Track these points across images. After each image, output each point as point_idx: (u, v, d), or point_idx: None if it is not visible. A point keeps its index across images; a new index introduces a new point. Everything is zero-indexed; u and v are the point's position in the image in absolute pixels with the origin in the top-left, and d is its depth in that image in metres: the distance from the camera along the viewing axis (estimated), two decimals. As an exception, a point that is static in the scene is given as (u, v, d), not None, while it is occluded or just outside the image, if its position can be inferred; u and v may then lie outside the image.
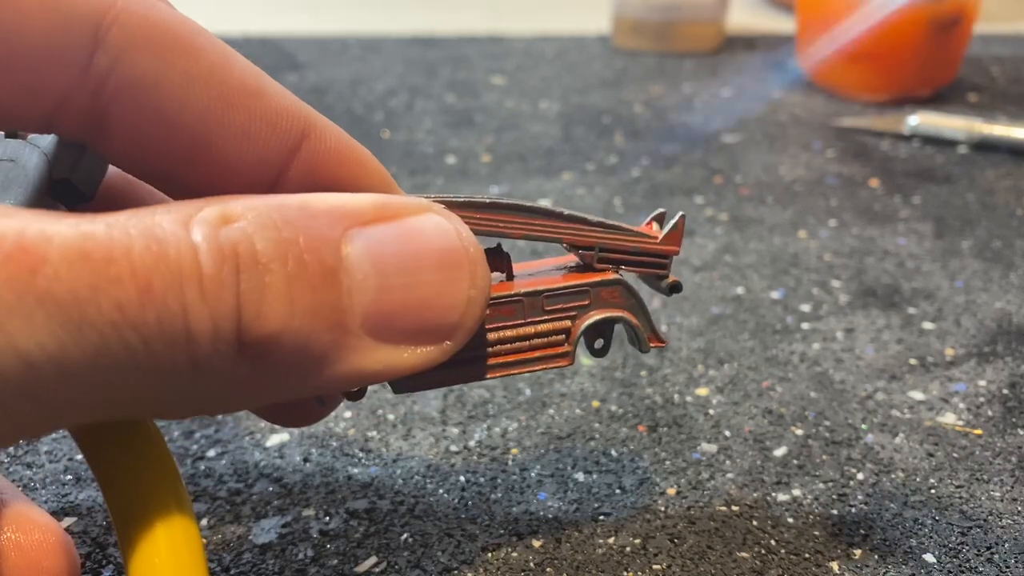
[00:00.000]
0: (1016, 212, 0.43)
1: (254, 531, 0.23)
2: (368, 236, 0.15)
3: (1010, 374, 0.30)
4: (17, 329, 0.12)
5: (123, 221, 0.13)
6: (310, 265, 0.14)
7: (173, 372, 0.13)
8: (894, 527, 0.23)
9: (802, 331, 0.33)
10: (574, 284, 0.20)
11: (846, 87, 0.59)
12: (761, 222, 0.42)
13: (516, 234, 0.19)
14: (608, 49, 0.72)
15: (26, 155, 0.18)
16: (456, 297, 0.16)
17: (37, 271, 0.12)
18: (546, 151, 0.50)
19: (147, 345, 0.13)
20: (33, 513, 0.17)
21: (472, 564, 0.22)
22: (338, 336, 0.15)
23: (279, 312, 0.14)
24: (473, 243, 0.17)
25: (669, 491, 0.25)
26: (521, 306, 0.19)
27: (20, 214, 0.13)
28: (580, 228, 0.20)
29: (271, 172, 0.18)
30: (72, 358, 0.12)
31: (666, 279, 0.21)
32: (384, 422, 0.27)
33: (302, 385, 0.15)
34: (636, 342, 0.21)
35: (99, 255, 0.12)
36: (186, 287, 0.13)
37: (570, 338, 0.20)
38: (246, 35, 0.73)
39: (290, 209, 0.15)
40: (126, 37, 0.16)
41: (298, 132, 0.18)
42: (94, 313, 0.12)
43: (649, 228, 0.21)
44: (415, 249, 0.16)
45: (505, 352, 0.19)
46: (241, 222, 0.14)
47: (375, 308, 0.15)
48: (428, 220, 0.16)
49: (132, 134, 0.16)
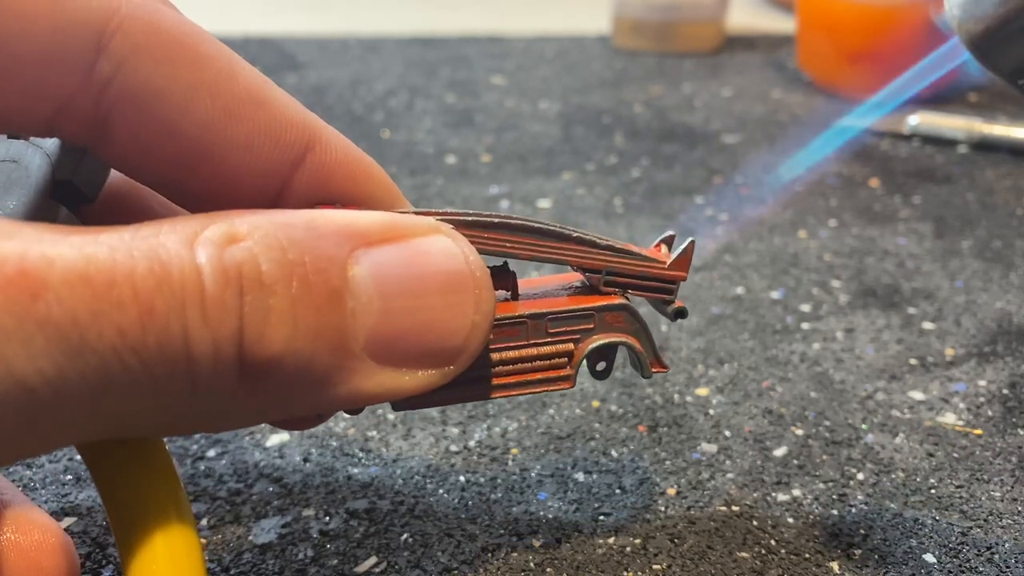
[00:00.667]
0: (1016, 212, 0.43)
1: (254, 531, 0.23)
2: (374, 257, 0.15)
3: (1010, 374, 0.30)
4: (15, 354, 0.12)
5: (127, 242, 0.13)
6: (315, 286, 0.14)
7: (173, 394, 0.13)
8: (894, 527, 0.23)
9: (802, 331, 0.33)
10: (579, 308, 0.20)
11: (846, 87, 0.59)
12: (761, 222, 0.42)
13: (524, 255, 0.19)
14: (608, 49, 0.72)
15: (29, 156, 0.18)
16: (460, 322, 0.16)
17: (38, 296, 0.12)
18: (546, 151, 0.50)
19: (147, 368, 0.13)
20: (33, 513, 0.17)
21: (472, 564, 0.22)
22: (340, 358, 0.15)
23: (282, 335, 0.14)
24: (480, 266, 0.16)
25: (669, 491, 0.25)
26: (525, 328, 0.19)
27: (23, 233, 0.12)
28: (588, 251, 0.19)
29: (275, 183, 0.17)
30: (71, 383, 0.12)
31: (672, 304, 0.21)
32: (384, 422, 0.27)
33: (302, 405, 0.15)
34: (639, 367, 0.21)
35: (101, 279, 0.12)
36: (188, 310, 0.13)
37: (573, 361, 0.20)
38: (246, 35, 0.73)
39: (296, 228, 0.14)
40: (129, 44, 0.15)
41: (302, 144, 0.17)
42: (95, 338, 0.12)
43: (658, 250, 0.21)
44: (421, 272, 0.16)
45: (507, 373, 0.19)
46: (247, 242, 0.14)
47: (378, 331, 0.15)
48: (435, 242, 0.16)
49: (134, 140, 0.16)
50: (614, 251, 0.20)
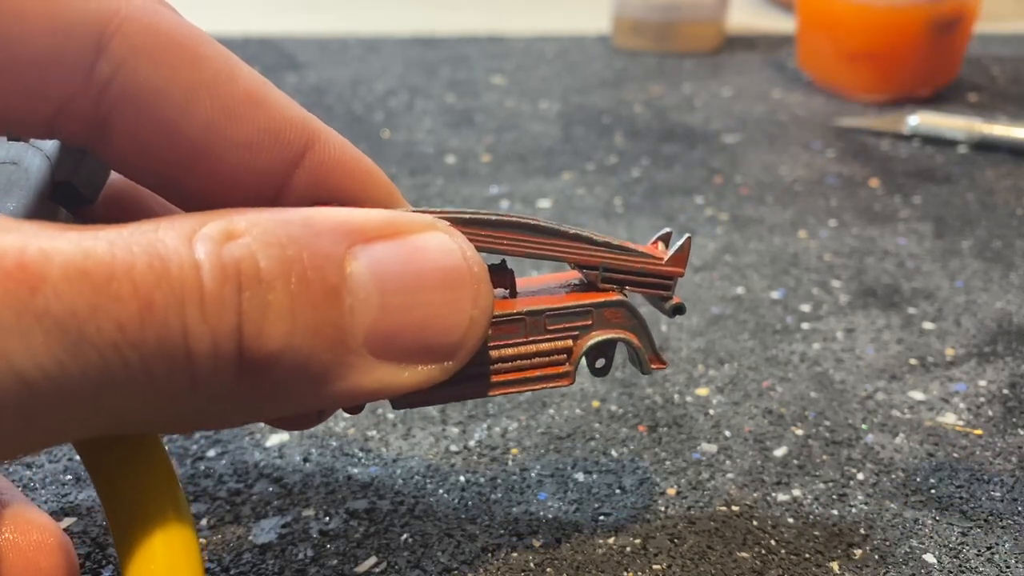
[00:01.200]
0: (1016, 212, 0.43)
1: (254, 531, 0.23)
2: (372, 254, 0.15)
3: (1010, 374, 0.30)
4: (14, 349, 0.12)
5: (126, 237, 0.13)
6: (313, 283, 0.14)
7: (172, 390, 0.13)
8: (894, 527, 0.23)
9: (802, 331, 0.33)
10: (577, 304, 0.20)
11: (846, 87, 0.59)
12: (761, 222, 0.42)
13: (521, 252, 0.19)
14: (608, 49, 0.72)
15: (28, 158, 0.18)
16: (458, 317, 0.16)
17: (37, 290, 0.12)
18: (546, 151, 0.50)
19: (146, 363, 0.13)
20: (32, 514, 0.17)
21: (472, 564, 0.22)
22: (339, 354, 0.15)
23: (280, 331, 0.14)
24: (478, 262, 0.16)
25: (669, 491, 0.25)
26: (523, 325, 0.19)
27: (21, 228, 0.12)
28: (585, 248, 0.19)
29: (274, 182, 0.18)
30: (70, 377, 0.12)
31: (670, 300, 0.21)
32: (384, 421, 0.27)
33: (302, 401, 0.15)
34: (638, 363, 0.21)
35: (100, 273, 0.12)
36: (187, 305, 0.13)
37: (572, 358, 0.20)
38: (246, 35, 0.73)
39: (294, 225, 0.15)
40: (129, 45, 0.15)
41: (301, 144, 0.17)
42: (93, 333, 0.12)
43: (655, 248, 0.21)
44: (418, 268, 0.16)
45: (506, 370, 0.19)
46: (245, 238, 0.14)
47: (376, 327, 0.15)
48: (433, 238, 0.16)
49: (133, 141, 0.16)
50: (611, 247, 0.20)
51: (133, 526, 0.15)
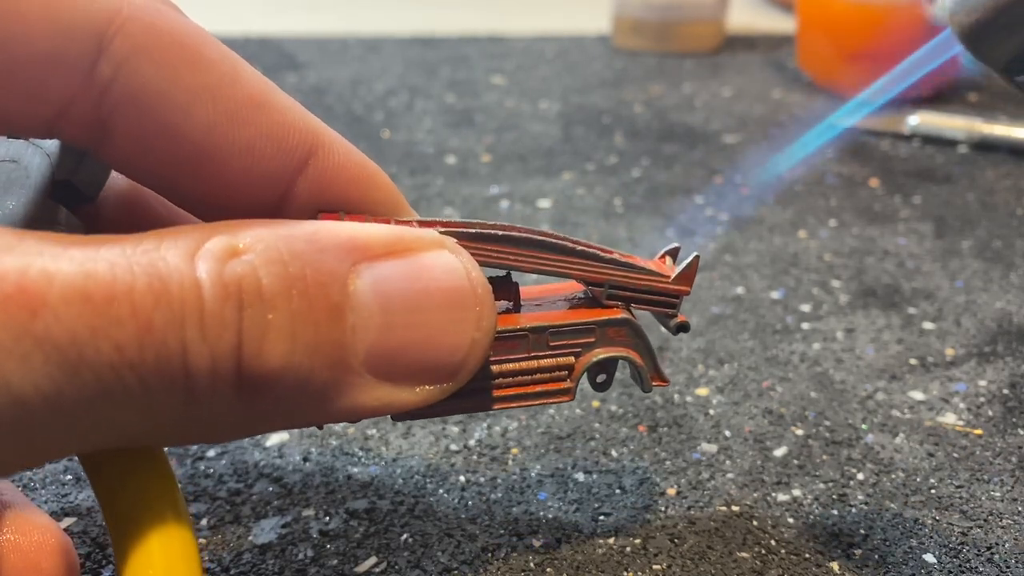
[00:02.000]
0: (1016, 212, 0.43)
1: (254, 531, 0.23)
2: (376, 272, 0.15)
3: (1010, 374, 0.30)
4: (13, 371, 0.12)
5: (128, 256, 0.13)
6: (316, 300, 0.14)
7: (170, 408, 0.13)
8: (894, 527, 0.23)
9: (802, 331, 0.33)
10: (581, 322, 0.19)
11: (846, 87, 0.59)
12: (761, 222, 0.42)
13: (527, 268, 0.19)
14: (608, 49, 0.72)
15: (29, 156, 0.17)
16: (460, 339, 0.16)
17: (37, 313, 0.12)
18: (546, 151, 0.50)
19: (144, 384, 0.13)
20: (32, 514, 0.17)
21: (472, 564, 0.22)
22: (339, 373, 0.15)
23: (280, 350, 0.14)
24: (482, 283, 0.16)
25: (669, 491, 0.25)
26: (526, 341, 0.19)
27: (23, 246, 0.12)
28: (591, 265, 0.19)
29: (278, 187, 0.17)
30: (67, 398, 0.12)
31: (675, 318, 0.20)
32: (384, 421, 0.27)
33: (301, 419, 0.15)
34: (639, 380, 0.21)
35: (100, 295, 0.12)
36: (187, 325, 0.13)
37: (573, 374, 0.20)
38: (246, 35, 0.73)
39: (299, 241, 0.14)
40: (130, 46, 0.15)
41: (305, 149, 0.17)
42: (92, 355, 0.12)
43: (662, 263, 0.21)
44: (422, 288, 0.15)
45: (507, 385, 0.19)
46: (248, 255, 0.14)
47: (378, 346, 0.15)
48: (438, 258, 0.16)
49: (134, 143, 0.16)
50: (618, 265, 0.19)
51: (132, 531, 0.14)
